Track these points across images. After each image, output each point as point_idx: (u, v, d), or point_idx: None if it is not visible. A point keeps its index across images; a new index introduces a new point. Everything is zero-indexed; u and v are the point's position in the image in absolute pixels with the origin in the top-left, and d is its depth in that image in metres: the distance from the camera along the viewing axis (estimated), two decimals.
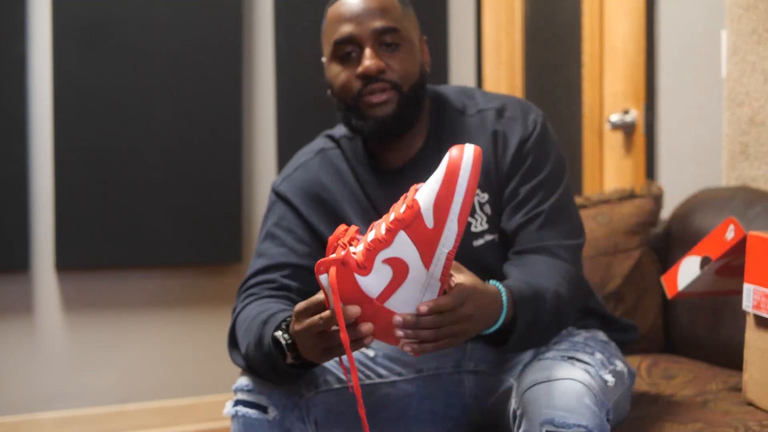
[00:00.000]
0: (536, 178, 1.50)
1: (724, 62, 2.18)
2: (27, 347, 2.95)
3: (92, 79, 2.96)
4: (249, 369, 1.40)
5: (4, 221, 2.86)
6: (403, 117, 1.48)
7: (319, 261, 1.11)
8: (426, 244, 1.09)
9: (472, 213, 1.50)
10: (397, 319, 1.11)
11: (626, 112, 2.63)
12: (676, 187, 2.33)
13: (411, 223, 1.09)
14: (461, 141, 1.46)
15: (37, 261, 2.94)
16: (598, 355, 1.43)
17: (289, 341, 1.27)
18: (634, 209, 2.10)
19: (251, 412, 1.36)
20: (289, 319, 1.29)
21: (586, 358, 1.38)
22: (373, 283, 1.11)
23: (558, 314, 1.38)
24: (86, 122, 2.95)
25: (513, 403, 1.34)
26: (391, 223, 1.10)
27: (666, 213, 2.23)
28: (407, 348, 1.13)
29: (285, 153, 3.17)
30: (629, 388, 1.53)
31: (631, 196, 2.14)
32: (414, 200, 1.09)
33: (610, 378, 1.37)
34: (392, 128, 1.48)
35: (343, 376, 1.46)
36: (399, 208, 1.10)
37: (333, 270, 1.10)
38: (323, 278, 1.11)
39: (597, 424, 1.22)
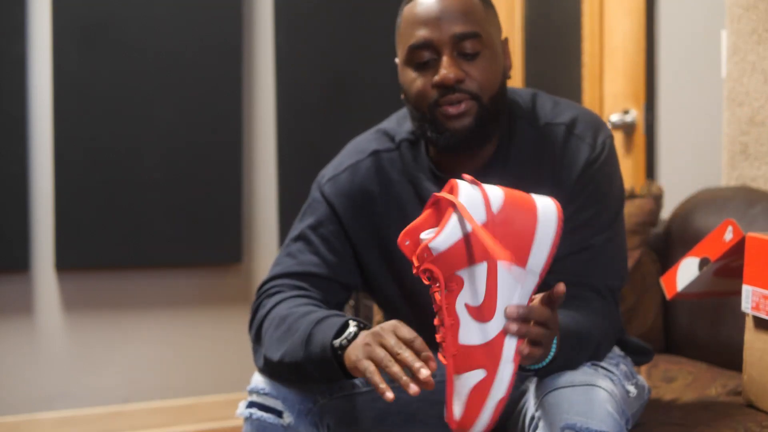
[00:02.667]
0: (595, 206, 1.41)
1: (724, 62, 2.17)
2: (27, 347, 2.95)
3: (92, 79, 2.95)
4: (269, 370, 1.36)
5: (4, 221, 2.86)
6: (482, 130, 1.37)
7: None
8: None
9: None
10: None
11: (626, 112, 2.63)
12: (676, 187, 2.33)
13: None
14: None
15: (37, 261, 2.94)
16: (623, 367, 1.41)
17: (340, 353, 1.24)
18: (634, 209, 2.09)
19: (266, 416, 1.34)
20: (354, 331, 1.25)
21: (610, 367, 1.35)
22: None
23: (592, 357, 1.35)
24: (86, 122, 2.95)
25: (531, 407, 1.31)
26: None
27: (666, 213, 2.23)
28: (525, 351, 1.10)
29: (285, 153, 3.17)
30: (645, 404, 1.50)
31: (631, 196, 2.13)
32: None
33: (632, 389, 1.36)
34: (470, 141, 1.38)
35: (357, 383, 1.43)
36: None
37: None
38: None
39: None
